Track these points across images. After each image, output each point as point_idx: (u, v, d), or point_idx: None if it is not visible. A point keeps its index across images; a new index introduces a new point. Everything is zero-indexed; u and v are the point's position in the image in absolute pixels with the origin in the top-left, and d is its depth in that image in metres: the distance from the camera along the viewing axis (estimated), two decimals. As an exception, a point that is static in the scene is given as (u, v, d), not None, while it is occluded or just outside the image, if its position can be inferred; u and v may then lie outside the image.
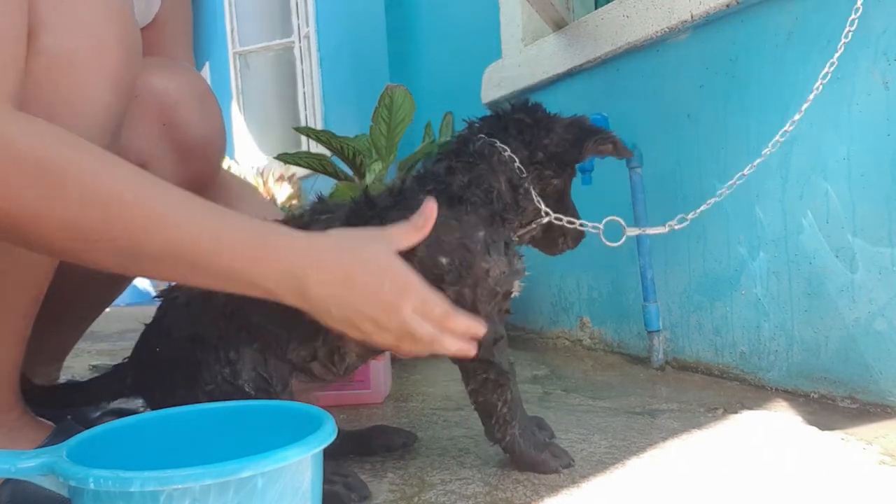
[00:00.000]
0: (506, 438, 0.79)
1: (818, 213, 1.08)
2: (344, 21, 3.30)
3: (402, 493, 0.76)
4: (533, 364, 1.50)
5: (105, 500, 0.43)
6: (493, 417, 0.79)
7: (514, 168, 0.82)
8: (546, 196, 0.86)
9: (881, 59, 0.98)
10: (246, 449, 0.48)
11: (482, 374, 0.78)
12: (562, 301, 1.73)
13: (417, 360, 1.63)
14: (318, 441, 0.49)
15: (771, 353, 1.17)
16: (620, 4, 1.43)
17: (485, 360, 0.77)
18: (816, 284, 1.09)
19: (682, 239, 1.35)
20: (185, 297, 0.75)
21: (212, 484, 0.43)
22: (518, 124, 0.84)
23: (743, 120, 1.21)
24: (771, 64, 1.15)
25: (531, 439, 0.80)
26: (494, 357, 0.77)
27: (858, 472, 0.76)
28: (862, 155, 1.01)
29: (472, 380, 0.79)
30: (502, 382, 0.78)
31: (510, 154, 0.82)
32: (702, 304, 1.31)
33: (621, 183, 1.41)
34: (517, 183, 0.83)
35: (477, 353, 0.72)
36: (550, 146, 0.84)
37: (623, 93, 1.50)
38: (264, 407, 0.62)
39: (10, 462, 0.47)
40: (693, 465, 0.81)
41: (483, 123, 0.86)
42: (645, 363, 1.41)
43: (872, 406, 1.00)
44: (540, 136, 0.84)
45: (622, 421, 1.01)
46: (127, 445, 0.55)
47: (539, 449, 0.80)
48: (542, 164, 0.84)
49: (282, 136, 4.79)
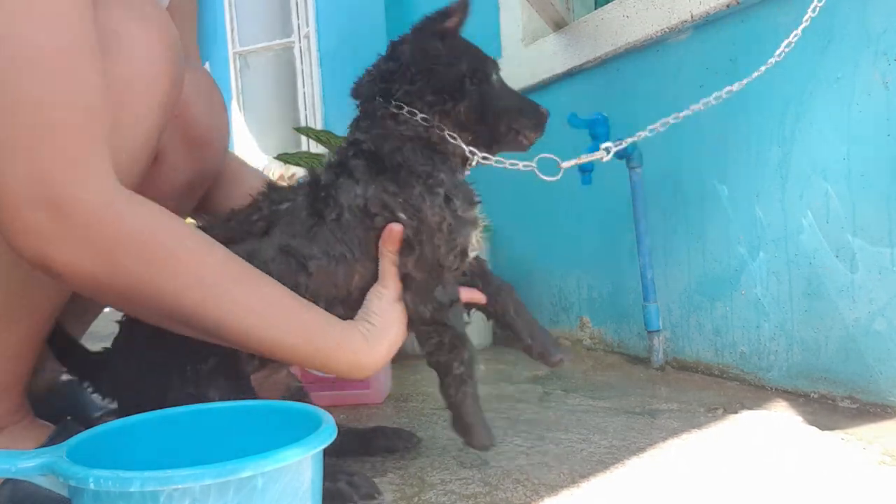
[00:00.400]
0: (458, 395, 0.79)
1: (818, 213, 1.08)
2: (344, 21, 3.30)
3: (402, 493, 0.76)
4: (533, 364, 1.49)
5: (105, 499, 0.43)
6: (450, 376, 0.79)
7: (416, 121, 0.81)
8: (466, 124, 0.84)
9: (881, 59, 0.98)
10: (246, 449, 0.48)
11: (437, 336, 0.78)
12: (562, 301, 1.73)
13: (417, 361, 1.63)
14: (318, 441, 0.49)
15: (771, 353, 1.17)
16: (620, 4, 1.43)
17: (440, 323, 0.77)
18: (816, 284, 1.09)
19: (681, 239, 1.35)
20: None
21: (212, 484, 0.43)
22: (392, 75, 0.83)
23: (742, 120, 1.21)
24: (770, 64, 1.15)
25: (479, 407, 0.81)
26: (449, 320, 0.77)
27: (858, 473, 0.76)
28: (862, 155, 1.01)
29: (427, 343, 0.79)
30: (457, 344, 0.78)
31: (407, 110, 0.81)
32: (702, 304, 1.31)
33: (621, 183, 1.41)
34: (425, 134, 0.81)
35: (432, 314, 0.76)
36: (433, 80, 0.82)
37: (623, 93, 1.50)
38: (264, 407, 0.62)
39: (10, 462, 0.47)
40: (693, 465, 0.81)
41: (372, 82, 0.85)
42: (645, 363, 1.41)
43: (872, 406, 1.00)
44: (416, 76, 0.81)
45: (622, 421, 1.01)
46: (127, 445, 0.55)
47: (479, 419, 0.80)
48: (435, 100, 0.82)
49: (282, 136, 4.78)
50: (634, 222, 1.36)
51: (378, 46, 0.92)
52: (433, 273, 0.77)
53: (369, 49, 0.93)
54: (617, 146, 0.94)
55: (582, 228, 1.65)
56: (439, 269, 0.77)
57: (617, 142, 0.98)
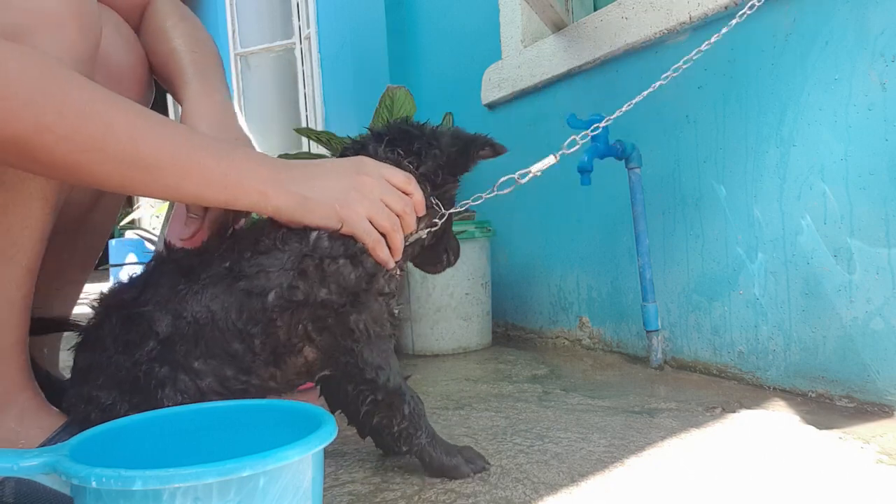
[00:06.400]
0: (413, 449, 0.78)
1: (816, 213, 1.08)
2: (345, 22, 3.30)
3: (402, 492, 0.77)
4: (532, 364, 1.51)
5: (107, 498, 0.43)
6: (393, 436, 0.78)
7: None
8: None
9: (878, 60, 0.98)
10: (246, 448, 0.48)
11: (370, 395, 0.75)
12: (561, 301, 1.74)
13: (417, 360, 1.63)
14: (319, 440, 0.49)
15: (769, 353, 1.17)
16: (619, 6, 1.43)
17: (370, 381, 0.75)
18: (814, 284, 1.09)
19: (680, 239, 1.35)
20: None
21: (213, 483, 0.43)
22: (407, 135, 0.84)
23: (741, 121, 1.21)
24: (769, 65, 1.15)
25: (442, 445, 0.80)
26: (378, 377, 0.75)
27: (856, 471, 0.77)
28: (859, 156, 1.02)
29: (362, 404, 0.76)
30: (392, 401, 0.76)
31: (408, 161, 0.82)
32: (700, 303, 1.31)
33: (620, 183, 1.42)
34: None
35: (363, 375, 0.74)
36: (440, 157, 0.84)
37: (622, 94, 1.50)
38: (264, 406, 0.63)
39: (13, 461, 0.47)
40: (691, 464, 0.82)
41: (374, 134, 0.86)
42: (644, 363, 1.42)
43: (870, 405, 1.01)
44: (431, 147, 0.84)
45: (621, 420, 1.02)
46: (129, 444, 0.56)
47: (451, 454, 0.80)
48: (431, 173, 0.84)
49: (283, 137, 4.79)
50: (633, 222, 1.36)
51: (378, 48, 0.93)
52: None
53: (370, 50, 0.94)
54: (561, 152, 0.93)
55: (581, 228, 1.66)
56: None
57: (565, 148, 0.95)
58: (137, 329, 0.68)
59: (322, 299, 0.72)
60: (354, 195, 0.74)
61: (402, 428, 0.77)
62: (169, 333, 0.68)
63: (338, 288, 0.72)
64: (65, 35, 0.67)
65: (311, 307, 0.72)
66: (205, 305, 0.69)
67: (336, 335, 0.74)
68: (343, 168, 0.76)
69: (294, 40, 4.55)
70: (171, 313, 0.68)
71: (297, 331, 0.72)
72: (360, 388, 0.75)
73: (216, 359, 0.69)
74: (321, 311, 0.72)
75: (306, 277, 0.71)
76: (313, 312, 0.72)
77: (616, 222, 1.54)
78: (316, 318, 0.72)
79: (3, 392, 0.72)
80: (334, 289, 0.72)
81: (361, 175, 0.75)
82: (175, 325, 0.68)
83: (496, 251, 1.93)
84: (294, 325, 0.72)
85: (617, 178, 1.43)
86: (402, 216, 0.77)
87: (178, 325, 0.68)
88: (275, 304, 0.70)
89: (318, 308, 0.72)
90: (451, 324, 1.70)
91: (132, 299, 0.70)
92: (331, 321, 0.73)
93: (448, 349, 1.70)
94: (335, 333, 0.74)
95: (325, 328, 0.73)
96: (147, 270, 0.74)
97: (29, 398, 0.74)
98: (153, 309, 0.69)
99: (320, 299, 0.72)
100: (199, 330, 0.69)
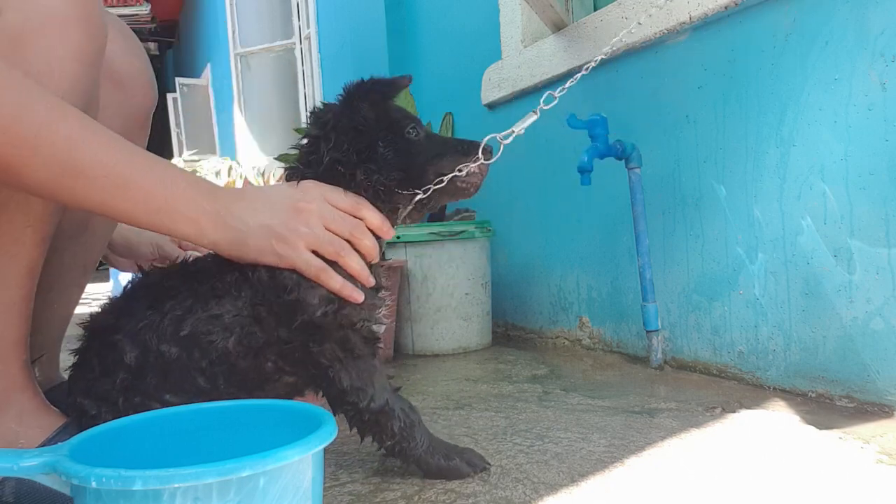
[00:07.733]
0: (410, 460, 0.79)
1: (816, 213, 1.08)
2: (345, 22, 3.30)
3: (402, 492, 0.77)
4: (532, 363, 1.51)
5: (107, 498, 0.43)
6: (387, 449, 0.78)
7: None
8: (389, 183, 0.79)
9: (878, 60, 0.98)
10: (246, 448, 0.48)
11: (355, 416, 0.76)
12: (561, 301, 1.74)
13: (417, 360, 1.63)
14: (319, 440, 0.49)
15: (769, 353, 1.17)
16: (619, 6, 1.43)
17: (352, 404, 0.75)
18: (814, 285, 1.09)
19: (680, 239, 1.35)
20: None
21: (214, 482, 0.43)
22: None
23: (741, 120, 1.21)
24: (769, 65, 1.15)
25: (441, 450, 0.80)
26: (360, 399, 0.74)
27: (856, 471, 0.77)
28: (859, 156, 1.02)
29: (350, 424, 0.77)
30: (379, 420, 0.76)
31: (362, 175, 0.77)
32: (700, 303, 1.31)
33: (620, 183, 1.42)
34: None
35: (345, 398, 0.74)
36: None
37: (622, 94, 1.50)
38: (264, 406, 0.63)
39: (13, 461, 0.47)
40: (691, 464, 0.82)
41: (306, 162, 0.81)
42: (644, 362, 1.42)
43: (870, 405, 1.01)
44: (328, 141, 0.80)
45: (621, 420, 1.02)
46: (129, 444, 0.56)
47: (450, 458, 0.80)
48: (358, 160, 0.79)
49: (283, 137, 4.79)
50: (633, 222, 1.36)
51: (378, 47, 0.92)
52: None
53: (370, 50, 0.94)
54: (540, 108, 0.87)
55: (581, 229, 1.66)
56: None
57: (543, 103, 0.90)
58: (112, 357, 0.70)
59: (282, 337, 0.72)
60: (291, 227, 0.72)
61: (394, 443, 0.77)
62: (139, 365, 0.70)
63: (300, 323, 0.72)
64: (71, 37, 0.67)
65: (273, 345, 0.72)
66: (168, 340, 0.70)
67: (308, 365, 0.74)
68: (281, 200, 0.73)
69: (294, 40, 4.55)
70: (140, 346, 0.70)
71: (265, 368, 0.73)
72: (344, 410, 0.76)
73: (187, 393, 0.70)
74: (285, 347, 0.73)
75: (262, 321, 0.72)
76: (277, 350, 0.73)
77: (616, 222, 1.54)
78: (282, 354, 0.73)
79: (3, 392, 0.72)
80: (294, 324, 0.72)
81: (300, 204, 0.73)
82: (143, 358, 0.70)
83: (496, 251, 1.93)
84: (262, 364, 0.73)
85: (617, 178, 1.43)
86: (352, 239, 0.75)
87: (146, 357, 0.70)
88: (237, 350, 0.71)
89: (281, 344, 0.73)
90: (451, 324, 1.70)
91: (109, 326, 0.72)
92: (297, 355, 0.73)
93: (448, 349, 1.70)
94: (306, 364, 0.74)
95: (296, 361, 0.74)
96: (124, 294, 0.75)
97: (29, 398, 0.74)
98: (123, 338, 0.70)
99: (282, 337, 0.72)
100: (166, 365, 0.70)
